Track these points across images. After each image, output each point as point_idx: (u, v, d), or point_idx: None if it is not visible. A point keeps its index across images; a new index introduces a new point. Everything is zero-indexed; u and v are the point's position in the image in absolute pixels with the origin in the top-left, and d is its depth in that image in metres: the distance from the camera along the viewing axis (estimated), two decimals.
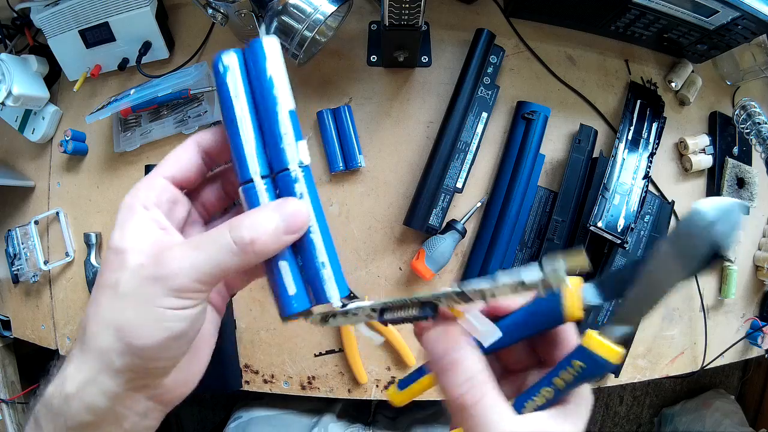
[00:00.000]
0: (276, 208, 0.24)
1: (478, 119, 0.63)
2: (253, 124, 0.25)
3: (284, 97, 0.25)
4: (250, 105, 0.25)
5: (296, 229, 0.24)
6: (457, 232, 0.61)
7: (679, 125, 0.72)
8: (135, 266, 0.23)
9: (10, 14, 0.69)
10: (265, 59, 0.25)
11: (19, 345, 0.80)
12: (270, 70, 0.25)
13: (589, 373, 0.24)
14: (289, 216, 0.24)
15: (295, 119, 0.26)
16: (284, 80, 0.25)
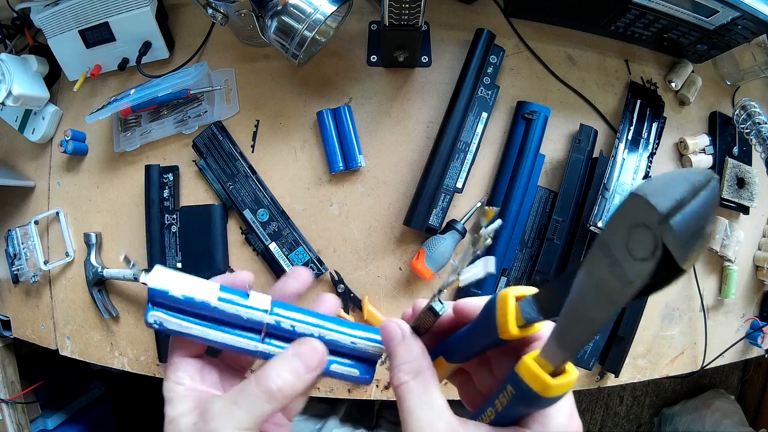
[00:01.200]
0: (293, 354, 0.28)
1: (478, 119, 0.63)
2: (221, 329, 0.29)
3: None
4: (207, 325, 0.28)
5: (315, 365, 0.28)
6: (457, 232, 0.61)
7: (679, 125, 0.72)
8: (188, 427, 0.27)
9: (10, 14, 0.69)
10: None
11: (19, 345, 0.80)
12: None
13: (519, 400, 0.22)
14: (305, 356, 0.28)
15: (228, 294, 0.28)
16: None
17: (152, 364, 0.67)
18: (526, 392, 0.21)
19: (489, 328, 0.24)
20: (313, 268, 0.63)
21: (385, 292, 0.65)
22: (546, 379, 0.20)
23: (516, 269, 0.64)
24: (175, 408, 0.28)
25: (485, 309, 0.24)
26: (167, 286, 0.26)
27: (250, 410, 0.26)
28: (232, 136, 0.66)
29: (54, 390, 0.96)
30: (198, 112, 0.67)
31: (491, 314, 0.23)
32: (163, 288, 0.26)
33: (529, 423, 0.24)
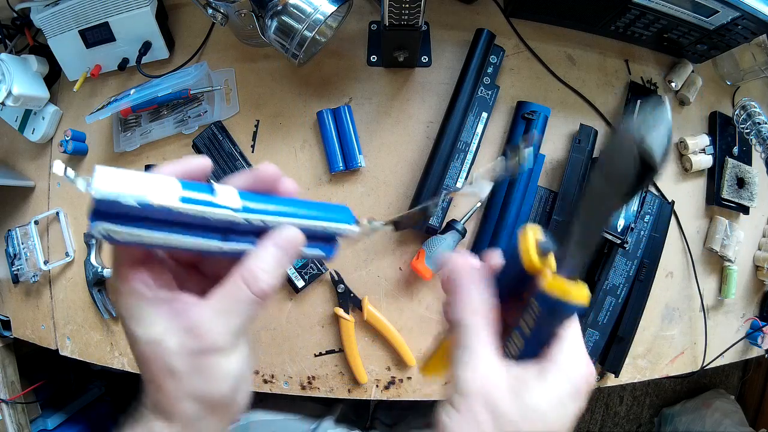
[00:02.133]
0: (275, 247, 0.26)
1: (478, 119, 0.63)
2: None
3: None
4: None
5: (296, 255, 0.27)
6: (457, 232, 0.61)
7: (679, 125, 0.72)
8: (177, 348, 0.25)
9: (10, 14, 0.69)
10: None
11: (19, 345, 0.80)
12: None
13: (544, 314, 0.25)
14: (287, 249, 0.26)
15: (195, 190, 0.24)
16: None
17: None
18: (549, 301, 0.24)
19: (515, 262, 0.27)
20: (313, 267, 0.63)
21: (385, 292, 0.65)
22: (564, 283, 0.24)
23: None
24: (149, 326, 0.25)
25: (510, 246, 0.27)
26: (116, 190, 0.22)
27: (244, 316, 0.25)
28: (232, 136, 0.66)
29: (54, 390, 0.96)
30: (198, 112, 0.67)
31: (515, 248, 0.26)
32: (111, 196, 0.21)
33: (553, 358, 0.25)
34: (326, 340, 0.65)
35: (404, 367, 0.65)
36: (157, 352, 0.25)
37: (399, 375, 0.65)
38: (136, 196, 0.22)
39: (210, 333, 0.25)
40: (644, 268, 0.65)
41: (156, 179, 0.23)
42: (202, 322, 0.25)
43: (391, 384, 0.65)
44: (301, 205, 0.28)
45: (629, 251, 0.63)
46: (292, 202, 0.28)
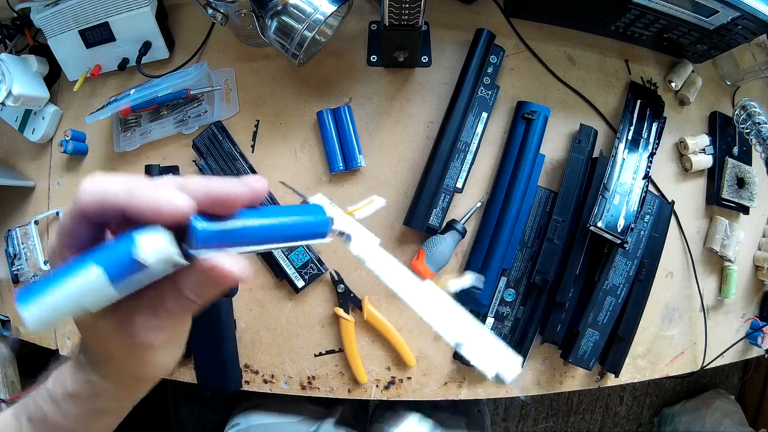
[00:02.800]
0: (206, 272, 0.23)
1: (478, 119, 0.63)
2: None
3: None
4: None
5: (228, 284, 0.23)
6: (457, 232, 0.61)
7: (679, 125, 0.72)
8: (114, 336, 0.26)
9: (10, 14, 0.69)
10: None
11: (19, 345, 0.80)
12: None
13: None
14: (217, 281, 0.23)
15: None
16: None
17: None
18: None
19: None
20: (313, 267, 0.63)
21: (385, 292, 0.65)
22: None
23: (516, 269, 0.64)
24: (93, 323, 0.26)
25: None
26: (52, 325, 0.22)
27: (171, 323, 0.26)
28: (232, 136, 0.66)
29: None
30: (198, 112, 0.67)
31: None
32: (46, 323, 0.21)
33: None
34: (326, 340, 0.65)
35: (404, 367, 0.65)
36: (95, 337, 0.27)
37: (399, 375, 0.65)
38: (72, 314, 0.22)
39: (142, 335, 0.25)
40: (644, 268, 0.65)
41: (77, 285, 0.21)
42: (136, 320, 0.25)
43: (391, 384, 0.65)
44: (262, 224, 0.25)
45: (629, 251, 0.63)
46: (248, 228, 0.24)
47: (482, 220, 0.64)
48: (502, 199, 0.62)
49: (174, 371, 0.66)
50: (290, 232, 0.26)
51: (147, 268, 0.21)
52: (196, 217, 0.22)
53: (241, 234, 0.24)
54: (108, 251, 0.21)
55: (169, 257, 0.21)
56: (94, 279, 0.21)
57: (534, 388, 0.66)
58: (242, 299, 0.65)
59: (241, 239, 0.24)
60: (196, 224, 0.22)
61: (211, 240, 0.22)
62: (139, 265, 0.21)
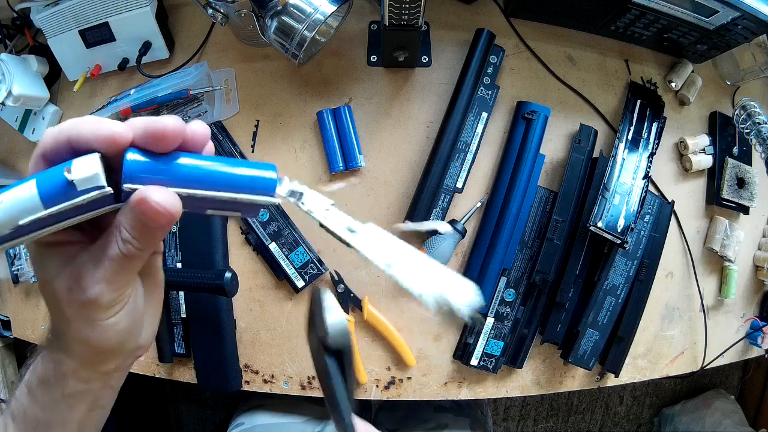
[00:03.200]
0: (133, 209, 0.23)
1: (478, 119, 0.63)
2: None
3: None
4: None
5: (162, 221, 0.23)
6: (457, 231, 0.61)
7: (679, 125, 0.72)
8: (66, 295, 0.25)
9: (10, 14, 0.69)
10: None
11: (19, 345, 0.80)
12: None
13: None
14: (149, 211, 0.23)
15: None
16: None
17: (152, 364, 0.67)
18: None
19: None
20: (313, 267, 0.63)
21: (385, 293, 0.65)
22: None
23: (516, 269, 0.64)
24: (43, 268, 0.25)
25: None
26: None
27: (116, 272, 0.24)
28: (232, 136, 0.66)
29: None
30: (198, 112, 0.67)
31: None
32: None
33: None
34: None
35: (404, 367, 0.65)
36: (50, 295, 0.25)
37: (399, 375, 0.65)
38: (5, 226, 0.22)
39: (91, 287, 0.24)
40: (644, 268, 0.65)
41: (11, 195, 0.22)
42: (85, 273, 0.24)
43: (391, 384, 0.65)
44: (202, 168, 0.24)
45: (629, 251, 0.63)
46: (186, 166, 0.24)
47: (482, 220, 0.64)
48: (502, 199, 0.62)
49: (174, 371, 0.66)
50: (232, 182, 0.24)
51: (74, 189, 0.21)
52: (130, 149, 0.22)
53: (174, 172, 0.23)
54: (46, 171, 0.22)
55: (94, 178, 0.22)
56: (27, 191, 0.22)
57: (534, 388, 0.66)
58: (242, 299, 0.65)
59: (175, 178, 0.23)
60: (128, 155, 0.22)
61: (140, 172, 0.22)
62: (68, 184, 0.21)
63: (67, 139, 0.23)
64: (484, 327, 0.63)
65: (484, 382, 0.65)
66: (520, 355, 0.63)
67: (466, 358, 0.63)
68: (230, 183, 0.24)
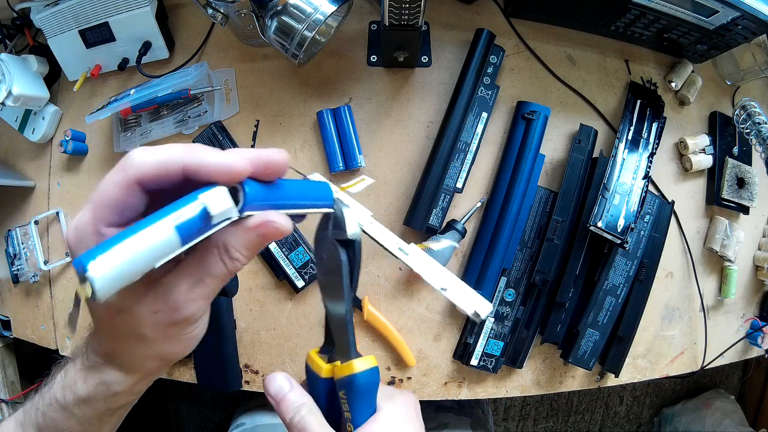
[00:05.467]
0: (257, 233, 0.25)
1: (478, 119, 0.63)
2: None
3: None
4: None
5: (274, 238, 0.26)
6: (457, 232, 0.61)
7: (679, 125, 0.72)
8: (150, 317, 0.25)
9: (10, 14, 0.69)
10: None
11: (19, 345, 0.80)
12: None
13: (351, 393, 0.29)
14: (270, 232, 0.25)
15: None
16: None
17: None
18: (345, 382, 0.29)
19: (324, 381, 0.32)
20: (313, 267, 0.63)
21: (385, 292, 0.65)
22: (350, 363, 0.29)
23: (516, 269, 0.64)
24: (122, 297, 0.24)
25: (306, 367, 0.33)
26: (120, 284, 0.21)
27: (214, 288, 0.26)
28: (232, 136, 0.66)
29: None
30: (198, 112, 0.67)
31: (309, 370, 0.32)
32: (116, 289, 0.20)
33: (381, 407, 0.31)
34: None
35: (404, 367, 0.65)
36: (129, 322, 0.25)
37: (399, 375, 0.65)
38: (142, 271, 0.21)
39: (186, 306, 0.25)
40: (644, 268, 0.65)
41: (148, 239, 0.21)
42: (178, 293, 0.25)
43: (391, 384, 0.65)
44: (292, 191, 0.28)
45: (629, 251, 0.63)
46: (284, 191, 0.27)
47: (482, 220, 0.64)
48: (502, 199, 0.62)
49: (174, 371, 0.66)
50: (310, 201, 0.29)
51: (210, 222, 0.23)
52: (247, 181, 0.24)
53: (278, 196, 0.26)
54: (176, 207, 0.22)
55: (230, 211, 0.23)
56: (164, 233, 0.21)
57: (534, 388, 0.66)
58: (242, 299, 0.65)
59: (278, 201, 0.26)
60: (248, 186, 0.24)
61: (259, 200, 0.25)
62: (206, 219, 0.22)
63: (182, 168, 0.23)
64: (484, 327, 0.63)
65: (484, 382, 0.65)
66: (520, 355, 0.63)
67: (466, 358, 0.63)
68: (308, 202, 0.29)
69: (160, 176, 0.23)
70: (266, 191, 0.25)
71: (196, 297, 0.25)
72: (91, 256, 0.20)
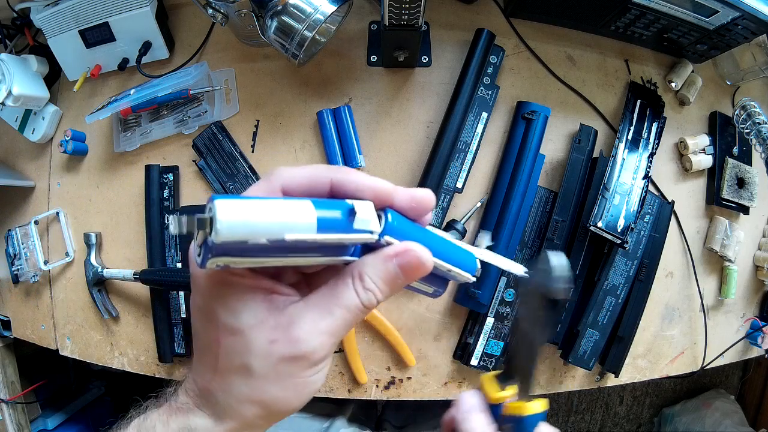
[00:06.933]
0: (398, 265, 0.23)
1: (478, 119, 0.63)
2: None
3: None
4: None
5: (415, 277, 0.24)
6: (457, 232, 0.61)
7: (679, 125, 0.72)
8: (263, 347, 0.22)
9: (10, 14, 0.69)
10: None
11: (19, 345, 0.80)
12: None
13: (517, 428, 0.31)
14: (409, 271, 0.23)
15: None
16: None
17: (152, 364, 0.67)
18: (514, 419, 0.31)
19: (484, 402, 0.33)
20: None
21: None
22: (522, 404, 0.31)
23: None
24: (239, 314, 0.22)
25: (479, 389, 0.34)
26: (245, 232, 0.19)
27: (347, 324, 0.23)
28: (232, 136, 0.66)
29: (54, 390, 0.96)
30: (198, 112, 0.67)
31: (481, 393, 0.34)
32: (239, 237, 0.19)
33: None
34: None
35: (404, 367, 0.65)
36: (238, 346, 0.22)
37: (399, 375, 0.65)
38: (269, 234, 0.19)
39: (308, 340, 0.22)
40: (644, 268, 0.65)
41: (286, 207, 0.20)
42: (303, 324, 0.22)
43: (391, 384, 0.65)
44: (437, 241, 0.26)
45: (629, 251, 0.63)
46: (427, 234, 0.26)
47: (482, 220, 0.64)
48: (502, 199, 0.62)
49: (174, 371, 0.66)
50: (452, 259, 0.27)
51: (350, 225, 0.22)
52: (389, 209, 0.24)
53: (420, 237, 0.25)
54: (324, 201, 0.22)
55: (372, 223, 0.23)
56: (305, 210, 0.21)
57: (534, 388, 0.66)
58: None
59: (419, 241, 0.24)
60: (391, 213, 0.24)
61: (401, 230, 0.24)
62: (348, 219, 0.22)
63: (329, 181, 0.23)
64: (484, 327, 0.63)
65: None
66: None
67: (466, 358, 0.63)
68: (452, 259, 0.27)
69: (308, 186, 0.23)
70: (409, 226, 0.25)
71: (321, 330, 0.22)
72: (220, 197, 0.19)
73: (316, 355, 0.22)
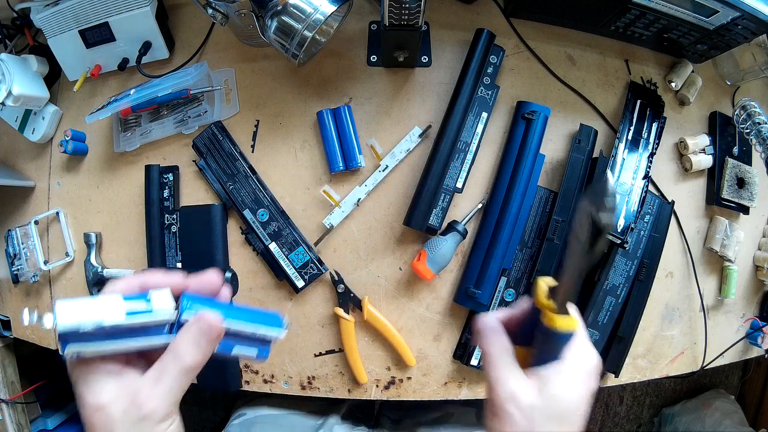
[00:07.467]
0: (197, 332, 0.31)
1: (478, 119, 0.63)
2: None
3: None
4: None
5: (215, 337, 0.31)
6: (458, 233, 0.61)
7: (679, 125, 0.72)
8: (121, 415, 0.29)
9: (10, 14, 0.69)
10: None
11: (19, 345, 0.80)
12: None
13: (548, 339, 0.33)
14: (205, 327, 0.31)
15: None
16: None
17: None
18: (546, 331, 0.32)
19: (532, 305, 0.35)
20: (313, 268, 0.63)
21: (385, 293, 0.65)
22: (560, 318, 0.32)
23: (516, 269, 0.64)
24: (98, 393, 0.29)
25: (529, 294, 0.35)
26: (75, 321, 0.28)
27: (175, 384, 0.30)
28: (232, 136, 0.66)
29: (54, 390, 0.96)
30: (198, 112, 0.67)
31: (532, 295, 0.35)
32: (72, 326, 0.27)
33: (566, 354, 0.33)
34: (326, 340, 0.65)
35: (404, 367, 0.65)
36: (102, 419, 0.29)
37: (399, 375, 0.65)
38: (92, 320, 0.28)
39: (149, 401, 0.29)
40: (644, 268, 0.65)
41: (105, 301, 0.29)
42: (143, 391, 0.29)
43: (391, 384, 0.65)
44: (232, 308, 0.34)
45: (629, 251, 0.63)
46: (222, 305, 0.33)
47: (482, 220, 0.64)
48: (502, 199, 0.62)
49: None
50: (254, 323, 0.34)
51: (151, 308, 0.30)
52: (185, 294, 0.33)
53: (214, 305, 0.33)
54: (132, 295, 0.31)
55: (166, 302, 0.31)
56: (114, 301, 0.29)
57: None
58: (242, 299, 0.65)
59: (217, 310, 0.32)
60: (186, 295, 0.32)
61: (196, 305, 0.32)
62: (147, 304, 0.30)
63: (138, 285, 0.32)
64: None
65: (484, 382, 0.65)
66: None
67: (466, 358, 0.63)
68: (255, 321, 0.34)
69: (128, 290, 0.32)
70: (206, 302, 0.32)
71: (158, 393, 0.29)
72: (63, 300, 0.28)
73: (157, 414, 0.29)
